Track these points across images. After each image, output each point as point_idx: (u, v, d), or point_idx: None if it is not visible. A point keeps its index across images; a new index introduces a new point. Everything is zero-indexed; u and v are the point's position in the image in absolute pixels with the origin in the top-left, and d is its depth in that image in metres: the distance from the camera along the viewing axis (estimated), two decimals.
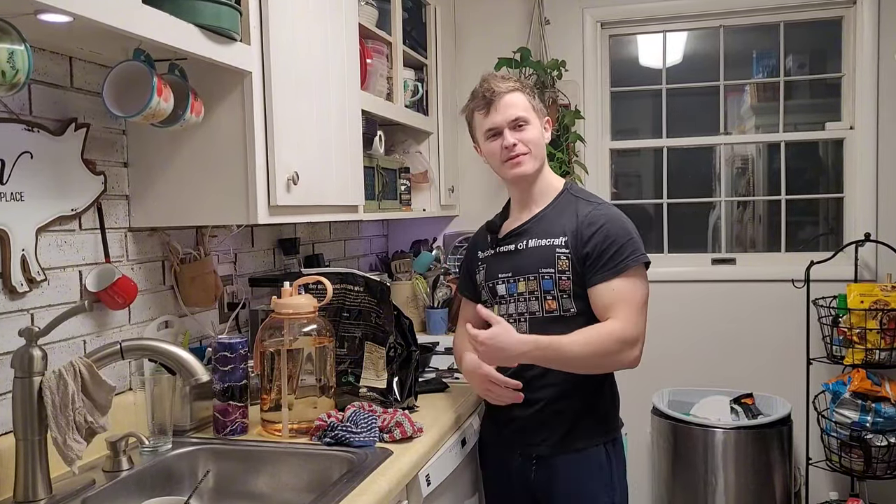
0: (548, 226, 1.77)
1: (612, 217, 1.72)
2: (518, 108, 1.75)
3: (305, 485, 1.56)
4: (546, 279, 1.73)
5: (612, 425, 1.79)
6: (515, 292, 1.78)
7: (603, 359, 1.65)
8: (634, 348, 1.65)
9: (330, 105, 1.93)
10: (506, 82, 1.77)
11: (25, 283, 1.42)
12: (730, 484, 2.70)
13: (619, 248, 1.67)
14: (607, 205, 1.78)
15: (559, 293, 1.72)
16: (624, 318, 1.64)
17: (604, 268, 1.67)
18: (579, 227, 1.71)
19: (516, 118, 1.75)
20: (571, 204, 1.78)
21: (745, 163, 3.26)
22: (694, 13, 3.08)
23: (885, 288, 2.71)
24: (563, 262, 1.71)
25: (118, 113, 1.40)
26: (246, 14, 1.57)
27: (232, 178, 1.61)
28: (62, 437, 1.28)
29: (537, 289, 1.74)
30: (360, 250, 3.04)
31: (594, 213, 1.72)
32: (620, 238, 1.68)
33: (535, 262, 1.74)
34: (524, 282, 1.76)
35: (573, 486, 1.74)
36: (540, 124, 1.79)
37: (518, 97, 1.76)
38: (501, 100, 1.75)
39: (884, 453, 2.61)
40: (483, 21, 3.21)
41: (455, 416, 1.88)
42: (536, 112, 1.79)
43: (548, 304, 1.73)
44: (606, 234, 1.68)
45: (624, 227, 1.71)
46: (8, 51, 1.12)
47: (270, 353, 1.70)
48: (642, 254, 1.69)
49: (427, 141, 2.93)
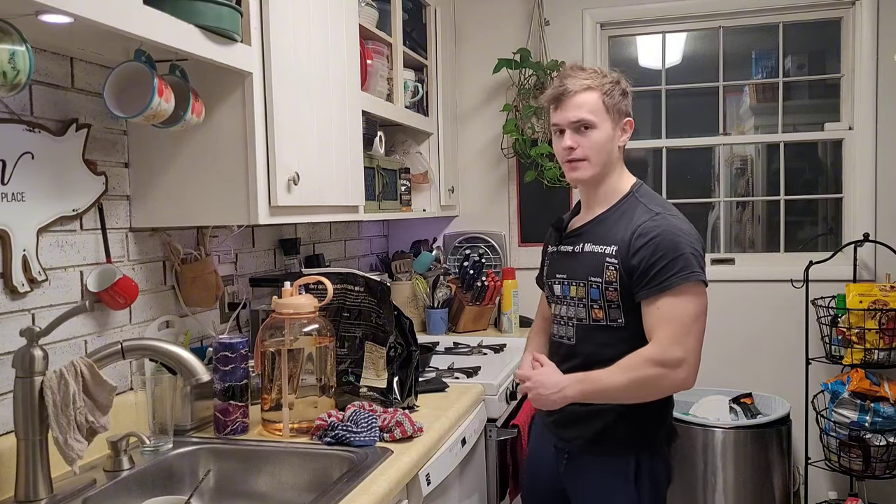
0: (605, 231, 1.69)
1: (665, 229, 1.60)
2: (584, 109, 1.66)
3: (306, 484, 1.56)
4: (593, 288, 1.67)
5: (652, 437, 1.68)
6: (568, 295, 1.74)
7: (644, 385, 1.58)
8: (678, 370, 1.56)
9: (330, 106, 1.94)
10: (581, 79, 1.67)
11: (26, 284, 1.42)
12: (729, 483, 2.71)
13: (666, 263, 1.57)
14: (666, 215, 1.64)
15: (605, 303, 1.65)
16: (663, 339, 1.56)
17: (649, 284, 1.58)
18: (630, 238, 1.62)
19: (579, 120, 1.66)
20: (633, 209, 1.68)
21: (744, 163, 3.26)
22: (693, 14, 3.08)
23: (883, 288, 2.71)
24: (610, 272, 1.63)
25: (119, 113, 1.40)
26: (247, 15, 1.57)
27: (233, 179, 1.62)
28: (63, 437, 1.28)
29: (585, 296, 1.69)
30: (360, 250, 3.05)
31: (648, 224, 1.61)
32: (670, 253, 1.57)
33: (586, 269, 1.69)
34: (575, 287, 1.71)
35: (594, 490, 1.70)
36: (612, 127, 1.68)
37: (589, 97, 1.66)
38: (571, 98, 1.67)
39: (882, 453, 2.61)
40: (483, 22, 3.22)
41: (455, 416, 1.88)
42: (610, 113, 1.67)
43: (594, 313, 1.67)
44: (655, 247, 1.58)
45: (675, 241, 1.58)
46: (9, 51, 1.12)
47: (271, 353, 1.71)
48: (693, 271, 1.57)
49: (427, 141, 2.93)
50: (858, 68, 2.90)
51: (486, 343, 2.72)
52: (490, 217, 3.27)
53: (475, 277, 2.97)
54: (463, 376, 2.25)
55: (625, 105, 1.71)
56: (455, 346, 2.72)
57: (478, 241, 3.25)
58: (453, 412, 1.89)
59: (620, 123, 1.71)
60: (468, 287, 2.98)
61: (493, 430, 2.15)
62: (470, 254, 3.15)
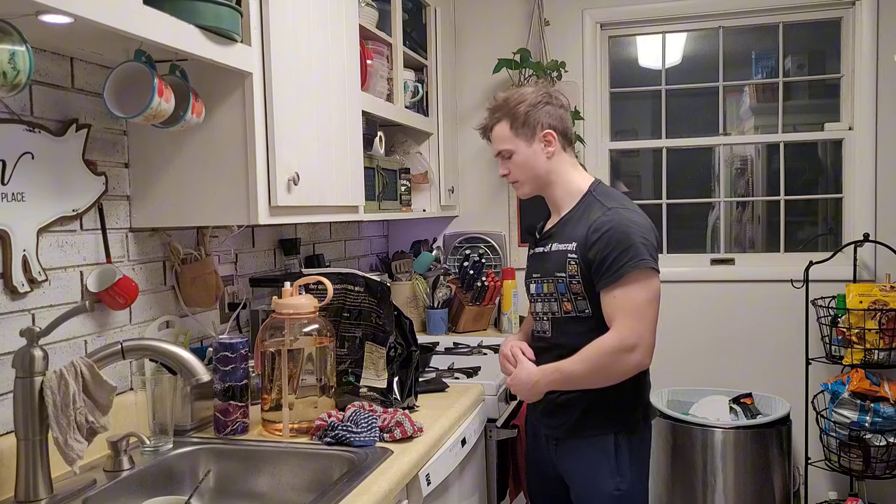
0: (569, 230, 1.82)
1: (617, 223, 1.72)
2: (499, 141, 1.86)
3: (306, 484, 1.56)
4: (560, 283, 1.80)
5: (628, 417, 1.81)
6: (542, 292, 1.87)
7: (604, 371, 1.72)
8: (634, 353, 1.69)
9: (330, 106, 1.94)
10: (492, 114, 1.88)
11: (26, 284, 1.42)
12: (729, 484, 2.71)
13: (618, 254, 1.69)
14: (619, 209, 1.77)
15: (572, 296, 1.79)
16: (619, 326, 1.70)
17: (605, 275, 1.71)
18: (587, 233, 1.75)
19: (499, 152, 1.88)
20: (590, 207, 1.81)
21: (744, 163, 3.26)
22: (693, 14, 3.08)
23: (883, 288, 2.71)
24: (572, 266, 1.77)
25: (119, 114, 1.40)
26: (246, 15, 1.57)
27: (233, 179, 1.62)
28: (63, 437, 1.28)
29: (555, 291, 1.82)
30: (360, 251, 3.05)
31: (601, 220, 1.74)
32: (621, 244, 1.69)
33: (553, 266, 1.82)
34: (547, 283, 1.85)
35: (582, 469, 1.83)
36: (527, 145, 1.83)
37: (500, 129, 1.85)
38: (491, 134, 1.90)
39: (882, 453, 2.61)
40: (483, 22, 3.22)
41: (455, 416, 1.88)
42: (521, 135, 1.83)
43: (564, 306, 1.81)
44: (607, 240, 1.71)
45: (626, 232, 1.71)
46: (9, 52, 1.12)
47: (271, 353, 1.71)
48: (643, 259, 1.70)
49: (427, 142, 2.93)
50: (858, 68, 2.90)
51: (486, 343, 2.71)
52: (490, 217, 3.27)
53: (475, 277, 2.97)
54: (463, 376, 2.25)
55: (539, 117, 1.82)
56: (455, 346, 2.72)
57: (478, 241, 3.25)
58: (453, 412, 1.89)
59: (537, 137, 1.83)
60: (468, 287, 2.98)
61: (493, 430, 2.15)
62: (470, 254, 3.15)
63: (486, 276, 2.98)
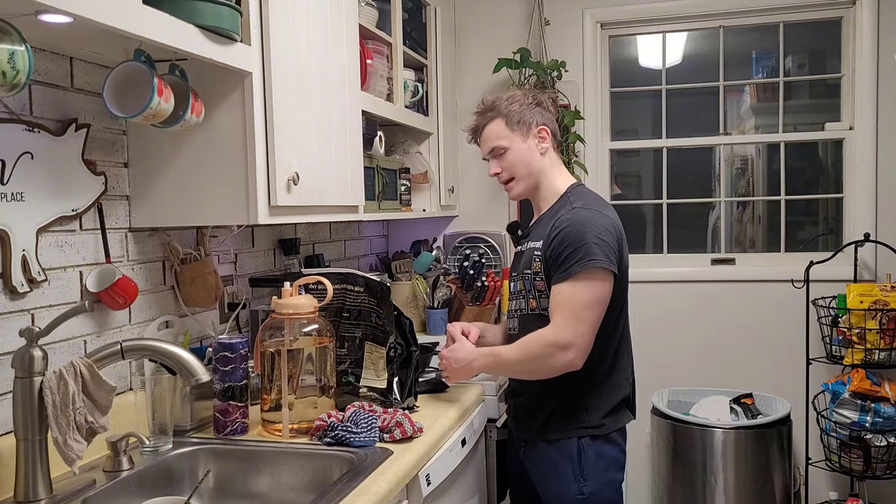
0: (539, 229, 1.85)
1: (575, 222, 1.74)
2: (491, 139, 1.86)
3: (306, 485, 1.56)
4: (526, 279, 1.85)
5: (591, 422, 1.79)
6: (515, 290, 1.91)
7: (535, 363, 1.74)
8: (567, 352, 1.69)
9: (330, 105, 1.93)
10: (483, 114, 1.89)
11: (26, 284, 1.42)
12: (729, 484, 2.70)
13: (570, 252, 1.71)
14: (581, 209, 1.78)
15: (536, 293, 1.82)
16: (557, 323, 1.71)
17: (556, 272, 1.73)
18: (549, 231, 1.78)
19: (492, 150, 1.88)
20: (560, 206, 1.84)
21: (744, 163, 3.26)
22: (693, 14, 3.08)
23: (884, 288, 2.71)
24: (536, 264, 1.81)
25: (119, 113, 1.40)
26: (246, 14, 1.57)
27: (232, 179, 1.61)
28: (63, 437, 1.28)
29: (523, 288, 1.86)
30: (360, 250, 3.04)
31: (563, 218, 1.77)
32: (574, 243, 1.71)
33: (523, 264, 1.87)
34: (519, 281, 1.89)
35: (546, 472, 1.84)
36: (522, 140, 1.84)
37: (493, 127, 1.86)
38: (482, 134, 1.90)
39: (883, 453, 2.61)
40: (483, 21, 3.21)
41: (455, 416, 1.88)
42: (516, 130, 1.84)
43: (530, 303, 1.84)
44: (563, 238, 1.73)
45: (581, 231, 1.71)
46: (8, 51, 1.12)
47: (271, 353, 1.70)
48: (592, 259, 1.69)
49: (427, 141, 2.93)
50: (859, 68, 2.89)
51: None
52: (490, 217, 3.27)
53: (475, 277, 2.97)
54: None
55: (532, 115, 1.85)
56: None
57: (478, 241, 3.25)
58: (453, 412, 1.89)
59: (532, 133, 1.85)
60: (468, 287, 2.98)
61: (493, 430, 2.15)
62: (470, 254, 3.14)
63: (486, 276, 2.98)
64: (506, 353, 1.79)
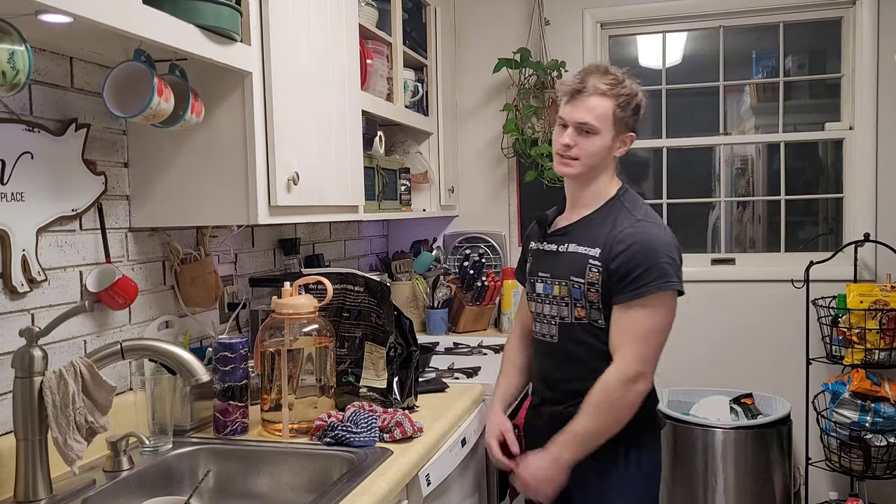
0: (590, 232, 1.73)
1: (645, 239, 1.64)
2: (592, 114, 1.67)
3: (306, 485, 1.56)
4: (575, 288, 1.71)
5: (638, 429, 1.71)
6: (551, 294, 1.78)
7: (613, 413, 1.64)
8: (637, 384, 1.63)
9: (330, 105, 1.93)
10: (601, 82, 1.68)
11: (26, 284, 1.42)
12: (729, 484, 2.70)
13: (641, 272, 1.61)
14: (647, 222, 1.69)
15: (587, 303, 1.70)
16: (626, 355, 1.63)
17: (623, 291, 1.63)
18: (612, 242, 1.66)
19: (584, 123, 1.68)
20: (616, 212, 1.72)
21: (744, 163, 3.26)
22: (693, 14, 3.08)
23: (884, 288, 2.71)
24: (593, 274, 1.68)
25: (119, 113, 1.40)
26: (246, 14, 1.57)
27: (232, 179, 1.61)
28: (63, 437, 1.28)
29: (568, 295, 1.73)
30: (360, 250, 3.04)
31: (628, 231, 1.66)
32: (645, 262, 1.62)
33: (569, 269, 1.73)
34: (558, 286, 1.75)
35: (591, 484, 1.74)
36: (612, 137, 1.70)
37: (602, 103, 1.67)
38: (586, 99, 1.68)
39: (883, 453, 2.61)
40: (483, 21, 3.21)
41: (455, 417, 1.88)
42: (616, 125, 1.69)
43: (577, 312, 1.72)
44: (633, 255, 1.63)
45: (653, 249, 1.63)
46: (8, 51, 1.12)
47: (271, 353, 1.70)
48: (667, 281, 1.62)
49: (427, 141, 2.93)
50: (859, 68, 2.89)
51: (486, 343, 2.71)
52: (490, 217, 3.27)
53: (475, 277, 2.97)
54: (463, 376, 2.25)
55: (633, 120, 1.73)
56: (455, 346, 2.72)
57: (478, 241, 3.25)
58: (453, 412, 1.89)
59: (622, 136, 1.73)
60: (468, 287, 2.98)
61: None
62: (470, 254, 3.15)
63: (486, 275, 2.98)
64: (581, 425, 1.64)
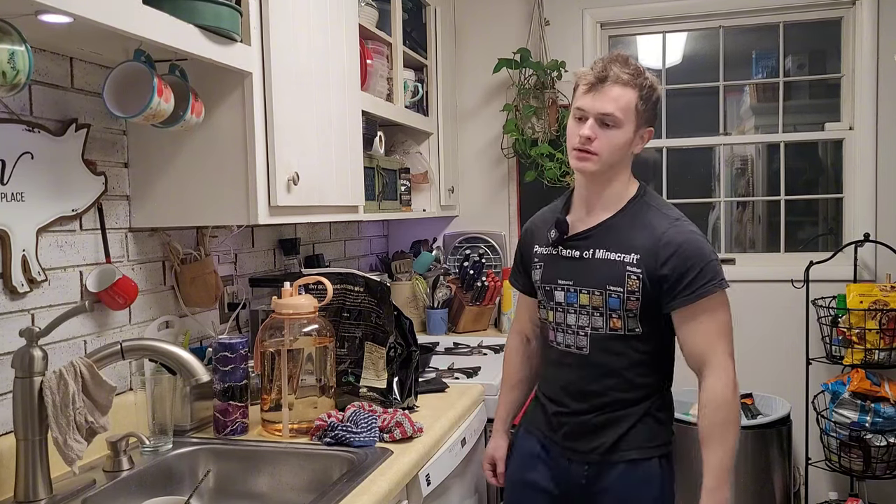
0: (620, 237, 1.62)
1: (691, 240, 1.59)
2: (617, 104, 1.56)
3: (306, 485, 1.56)
4: (613, 297, 1.60)
5: (666, 437, 1.68)
6: (576, 303, 1.65)
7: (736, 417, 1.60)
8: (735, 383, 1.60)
9: (330, 106, 1.93)
10: (625, 72, 1.57)
11: (26, 284, 1.42)
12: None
13: (697, 274, 1.56)
14: (684, 221, 1.64)
15: (625, 312, 1.60)
16: (716, 357, 1.58)
17: (682, 293, 1.57)
18: (656, 247, 1.58)
19: (608, 114, 1.57)
20: (645, 214, 1.64)
21: (744, 163, 3.26)
22: (693, 14, 3.08)
23: (884, 288, 2.71)
24: (633, 281, 1.59)
25: (119, 113, 1.40)
26: (246, 15, 1.57)
27: (232, 179, 1.61)
28: (63, 437, 1.28)
29: (602, 305, 1.62)
30: (360, 250, 3.04)
31: (671, 232, 1.59)
32: (699, 263, 1.57)
33: (603, 278, 1.61)
34: (588, 295, 1.63)
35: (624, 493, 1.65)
36: (633, 131, 1.61)
37: (626, 94, 1.57)
38: (610, 88, 1.57)
39: (883, 453, 2.61)
40: (483, 21, 3.21)
41: (455, 417, 1.88)
42: (638, 119, 1.60)
43: (612, 322, 1.62)
44: (684, 258, 1.57)
45: (701, 249, 1.59)
46: (9, 51, 1.12)
47: (271, 354, 1.70)
48: (722, 279, 1.59)
49: (427, 141, 2.93)
50: (859, 68, 2.89)
51: (486, 343, 2.71)
52: (490, 217, 3.27)
53: (475, 277, 2.97)
54: (463, 376, 2.25)
55: (653, 114, 1.65)
56: (455, 346, 2.72)
57: (478, 241, 3.25)
58: (453, 413, 1.89)
59: (641, 131, 1.64)
60: (468, 287, 2.98)
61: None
62: (470, 254, 3.15)
63: (486, 276, 2.98)
64: (720, 461, 1.59)
